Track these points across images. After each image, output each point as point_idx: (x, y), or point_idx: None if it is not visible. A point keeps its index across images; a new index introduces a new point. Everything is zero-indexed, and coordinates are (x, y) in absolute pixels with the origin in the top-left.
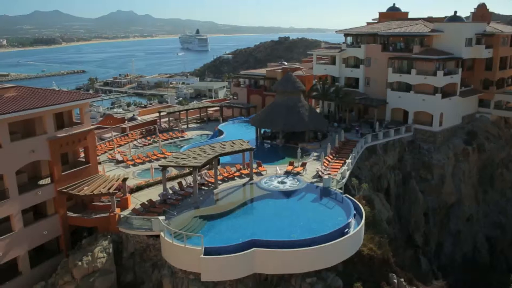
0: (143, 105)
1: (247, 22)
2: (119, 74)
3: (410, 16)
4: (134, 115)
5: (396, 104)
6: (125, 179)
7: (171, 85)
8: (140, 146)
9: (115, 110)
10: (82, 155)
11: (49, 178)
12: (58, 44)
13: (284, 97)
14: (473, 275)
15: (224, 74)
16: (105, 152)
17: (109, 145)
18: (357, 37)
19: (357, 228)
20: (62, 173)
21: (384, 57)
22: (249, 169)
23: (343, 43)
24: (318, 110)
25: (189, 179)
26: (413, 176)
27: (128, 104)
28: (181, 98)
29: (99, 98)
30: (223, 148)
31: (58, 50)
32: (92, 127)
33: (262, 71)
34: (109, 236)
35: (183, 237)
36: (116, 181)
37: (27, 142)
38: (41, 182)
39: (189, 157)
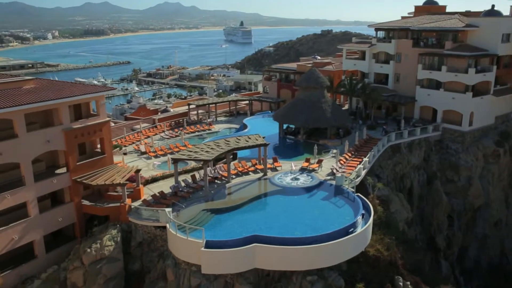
0: (183, 97)
1: (293, 15)
2: (162, 65)
3: (448, 10)
4: (167, 107)
5: (425, 102)
6: (138, 171)
7: (212, 77)
8: (167, 138)
9: (156, 101)
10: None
11: (65, 168)
12: (107, 36)
13: (307, 93)
14: (499, 282)
15: (264, 67)
16: (133, 143)
17: (137, 136)
18: (389, 32)
19: (362, 228)
20: (77, 163)
21: (415, 53)
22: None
23: (374, 37)
24: (346, 107)
25: (202, 172)
26: (438, 176)
27: (169, 96)
28: (220, 91)
29: (138, 89)
30: (237, 142)
31: (106, 41)
32: (107, 119)
33: (293, 65)
34: (118, 225)
35: (190, 228)
36: (129, 172)
37: (43, 132)
38: (58, 171)
39: (202, 150)
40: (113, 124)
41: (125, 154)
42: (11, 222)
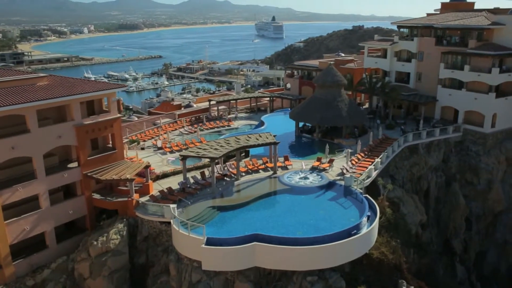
0: (211, 92)
1: (326, 9)
2: (192, 60)
3: (476, 7)
4: (190, 102)
5: (446, 102)
6: (147, 166)
7: (241, 72)
8: (186, 134)
9: (184, 95)
10: None
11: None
12: (140, 30)
13: (323, 91)
14: None
15: (293, 62)
16: (152, 137)
17: (157, 131)
18: (412, 30)
19: (365, 231)
20: (88, 158)
21: (437, 52)
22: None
23: (395, 35)
24: (367, 105)
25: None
26: (457, 179)
27: (197, 90)
28: (249, 86)
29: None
30: (247, 140)
31: (140, 35)
32: (118, 115)
33: (315, 62)
34: (125, 220)
35: (192, 225)
36: (138, 167)
37: (54, 128)
38: (71, 165)
39: (212, 148)
40: (136, 119)
41: (142, 149)
42: (23, 214)
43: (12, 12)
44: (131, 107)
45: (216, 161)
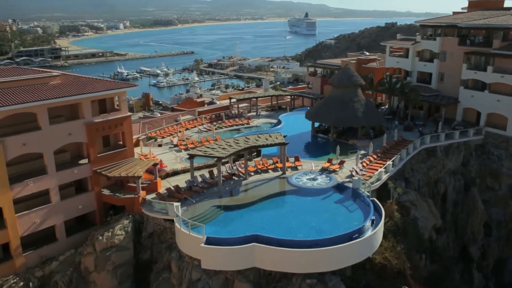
0: (240, 88)
1: (361, 6)
2: (223, 56)
3: (506, 5)
4: (213, 99)
5: (468, 103)
6: (155, 164)
7: (271, 69)
8: (205, 131)
9: (213, 91)
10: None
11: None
12: (174, 26)
13: (339, 91)
14: None
15: (325, 59)
16: (171, 134)
17: (176, 128)
18: (436, 29)
19: (367, 235)
20: (98, 155)
21: (460, 52)
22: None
23: (418, 34)
24: (387, 106)
25: (222, 168)
26: (477, 183)
27: (227, 86)
28: (278, 83)
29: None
30: (256, 140)
31: (174, 31)
32: (128, 114)
33: (337, 61)
34: (130, 216)
35: (193, 224)
36: (147, 165)
37: (65, 125)
38: (82, 161)
39: (220, 147)
40: (158, 115)
41: (160, 145)
42: (34, 207)
43: (55, 8)
44: (160, 102)
45: (226, 160)
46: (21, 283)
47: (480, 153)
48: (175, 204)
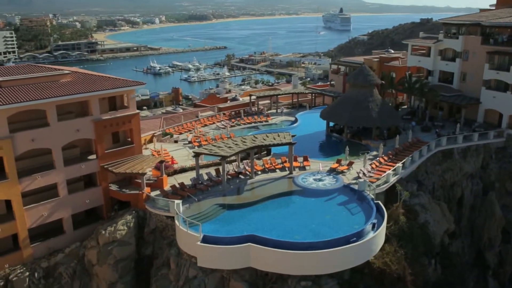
0: (270, 84)
1: (398, 0)
2: (255, 51)
3: None
4: (236, 95)
5: (490, 104)
6: (162, 161)
7: (302, 65)
8: (222, 128)
9: (243, 87)
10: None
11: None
12: (209, 21)
13: (354, 90)
14: None
15: (356, 56)
16: (188, 130)
17: (194, 124)
18: (460, 27)
19: (366, 238)
20: (106, 151)
21: (483, 51)
22: (294, 162)
23: (441, 32)
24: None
25: (228, 166)
26: (496, 187)
27: (256, 82)
28: (308, 79)
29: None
30: (264, 140)
31: (208, 26)
32: (136, 111)
33: (360, 59)
34: (134, 212)
35: (191, 222)
36: (154, 162)
37: (73, 122)
38: (90, 157)
39: (226, 146)
40: (181, 110)
41: (176, 141)
42: (42, 201)
43: (92, 2)
44: (190, 97)
45: (233, 158)
46: (27, 273)
47: (501, 156)
48: (176, 201)
